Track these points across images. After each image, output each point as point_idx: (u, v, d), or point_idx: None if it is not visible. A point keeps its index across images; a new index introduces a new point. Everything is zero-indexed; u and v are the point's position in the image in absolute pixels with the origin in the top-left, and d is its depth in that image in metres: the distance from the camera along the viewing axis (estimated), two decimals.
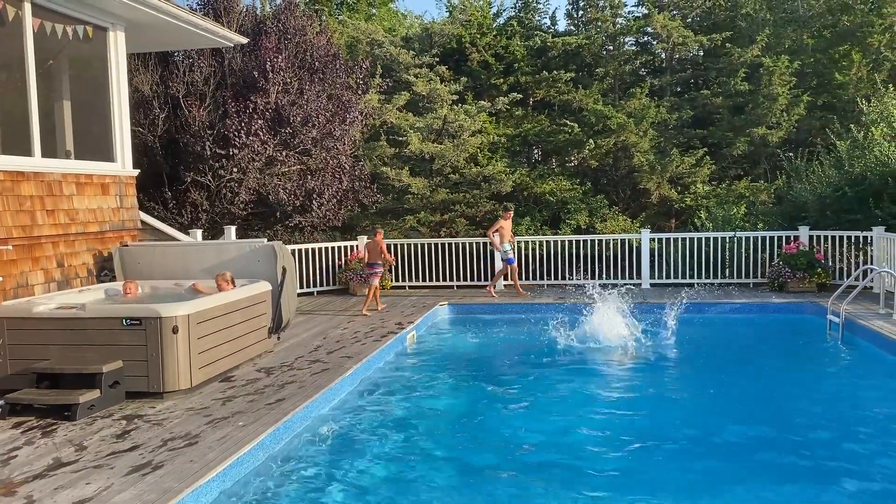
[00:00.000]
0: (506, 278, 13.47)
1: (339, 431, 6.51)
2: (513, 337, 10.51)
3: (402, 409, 7.30)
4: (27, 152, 8.01)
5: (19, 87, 7.97)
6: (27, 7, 7.86)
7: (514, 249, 13.12)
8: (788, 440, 6.26)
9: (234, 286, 8.20)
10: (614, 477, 5.55)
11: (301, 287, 13.34)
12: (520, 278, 14.22)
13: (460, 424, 6.93)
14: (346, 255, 14.03)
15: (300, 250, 13.44)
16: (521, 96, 18.79)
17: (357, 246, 14.19)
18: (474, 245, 14.39)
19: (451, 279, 14.18)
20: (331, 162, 14.20)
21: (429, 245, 14.29)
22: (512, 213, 13.44)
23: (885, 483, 5.36)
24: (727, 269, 13.55)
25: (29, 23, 7.89)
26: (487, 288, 13.17)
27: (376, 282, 11.74)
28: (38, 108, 8.06)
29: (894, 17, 18.05)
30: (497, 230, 12.75)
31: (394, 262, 13.09)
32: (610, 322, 9.82)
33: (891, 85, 15.10)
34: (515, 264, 13.11)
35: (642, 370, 8.70)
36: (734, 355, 9.40)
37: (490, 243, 13.06)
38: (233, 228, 12.35)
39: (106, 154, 9.39)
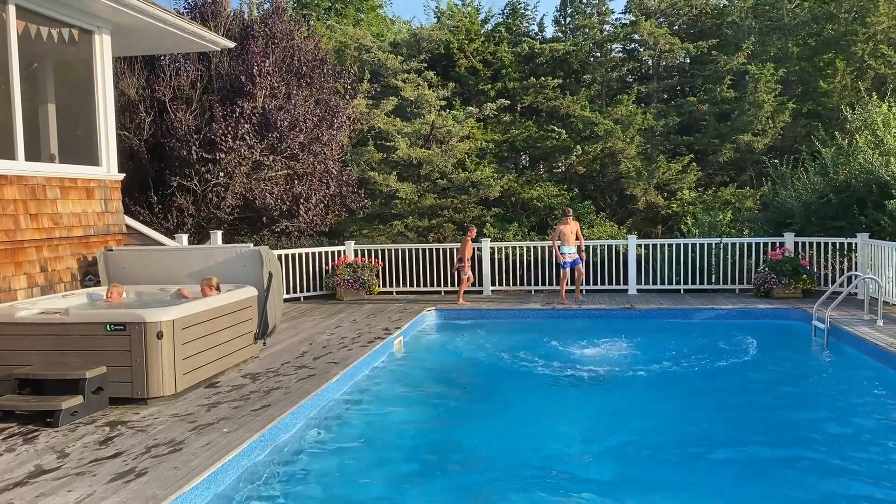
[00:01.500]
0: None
1: (326, 437, 6.48)
2: (501, 343, 10.49)
3: (387, 416, 7.27)
4: (10, 156, 7.92)
5: (3, 90, 7.89)
6: (11, 9, 7.79)
7: (578, 252, 12.62)
8: (773, 445, 6.29)
9: (220, 292, 8.15)
10: (601, 485, 5.55)
11: (287, 292, 13.29)
12: (506, 284, 14.26)
13: (445, 433, 6.91)
14: (333, 260, 13.98)
15: (287, 255, 13.39)
16: (508, 102, 18.85)
17: (344, 251, 14.14)
18: None
19: (439, 284, 14.17)
20: (318, 167, 14.16)
21: (416, 250, 14.28)
22: (571, 216, 12.68)
23: (872, 487, 5.38)
24: (713, 276, 13.62)
25: (13, 25, 7.82)
26: (560, 299, 12.58)
27: (466, 275, 12.67)
28: (21, 112, 7.98)
29: (878, 26, 18.24)
30: (558, 236, 12.44)
31: (464, 265, 12.78)
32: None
33: (874, 93, 15.25)
34: (581, 265, 12.57)
35: (625, 379, 8.69)
36: (720, 361, 9.42)
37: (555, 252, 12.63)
38: (219, 233, 12.28)
39: (91, 158, 9.31)
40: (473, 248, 13.00)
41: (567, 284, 12.74)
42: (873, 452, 6.12)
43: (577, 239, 12.67)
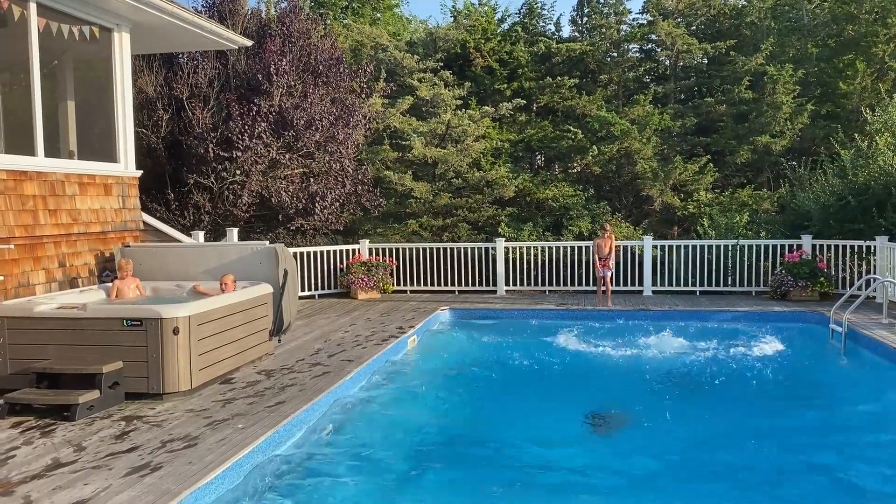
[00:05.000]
0: None
1: (339, 434, 6.49)
2: (513, 342, 10.48)
3: (400, 414, 7.27)
4: (30, 152, 8.01)
5: (24, 87, 7.98)
6: (32, 7, 7.87)
7: None
8: (791, 450, 6.24)
9: (235, 290, 8.20)
10: (612, 490, 5.54)
11: (302, 290, 13.34)
12: (521, 284, 14.22)
13: (458, 431, 6.91)
14: (347, 258, 14.02)
15: (302, 253, 13.44)
16: (524, 102, 18.79)
17: (358, 250, 14.16)
18: (476, 250, 14.38)
19: (453, 284, 14.17)
20: (334, 165, 14.20)
21: (431, 249, 14.28)
22: None
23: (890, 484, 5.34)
24: (729, 278, 13.53)
25: (34, 23, 7.90)
26: None
27: (607, 273, 12.36)
28: (41, 108, 8.05)
29: None
30: None
31: (602, 260, 12.49)
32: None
33: (895, 94, 15.09)
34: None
35: (640, 380, 8.65)
36: (736, 363, 9.35)
37: None
38: (235, 231, 12.35)
39: (109, 155, 9.38)
40: (613, 244, 12.53)
41: None
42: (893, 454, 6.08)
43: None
